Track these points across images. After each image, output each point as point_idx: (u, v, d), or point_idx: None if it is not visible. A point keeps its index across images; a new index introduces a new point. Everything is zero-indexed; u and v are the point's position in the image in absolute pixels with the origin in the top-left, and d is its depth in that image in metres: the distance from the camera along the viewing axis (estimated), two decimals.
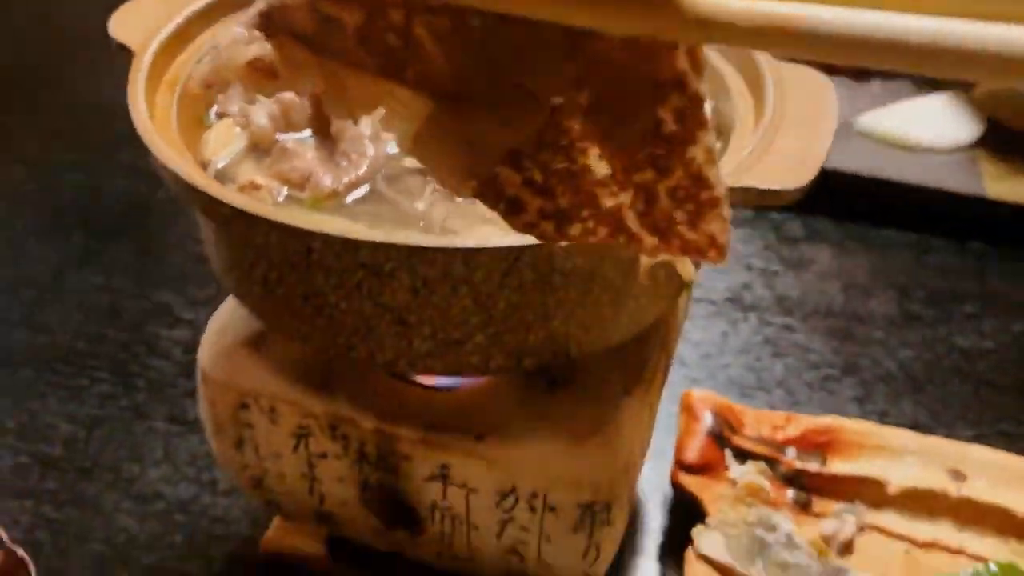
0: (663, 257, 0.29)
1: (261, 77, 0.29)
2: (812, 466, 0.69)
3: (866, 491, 0.68)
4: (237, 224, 0.40)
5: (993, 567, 0.64)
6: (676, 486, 0.68)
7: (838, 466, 0.69)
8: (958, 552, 0.66)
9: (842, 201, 0.99)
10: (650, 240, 0.28)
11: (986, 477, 0.68)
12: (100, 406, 0.78)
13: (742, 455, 0.69)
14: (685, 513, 0.67)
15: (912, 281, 0.93)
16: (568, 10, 0.23)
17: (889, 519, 0.67)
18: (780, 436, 0.70)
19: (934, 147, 1.03)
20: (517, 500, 0.50)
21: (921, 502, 0.67)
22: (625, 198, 0.28)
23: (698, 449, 0.68)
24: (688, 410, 0.70)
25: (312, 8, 0.27)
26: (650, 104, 0.25)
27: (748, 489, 0.66)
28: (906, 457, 0.69)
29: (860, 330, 0.88)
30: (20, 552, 0.61)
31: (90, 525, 0.69)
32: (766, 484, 0.67)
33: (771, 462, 0.69)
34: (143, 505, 0.71)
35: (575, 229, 0.29)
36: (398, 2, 0.27)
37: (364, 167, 0.51)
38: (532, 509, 0.50)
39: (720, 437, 0.69)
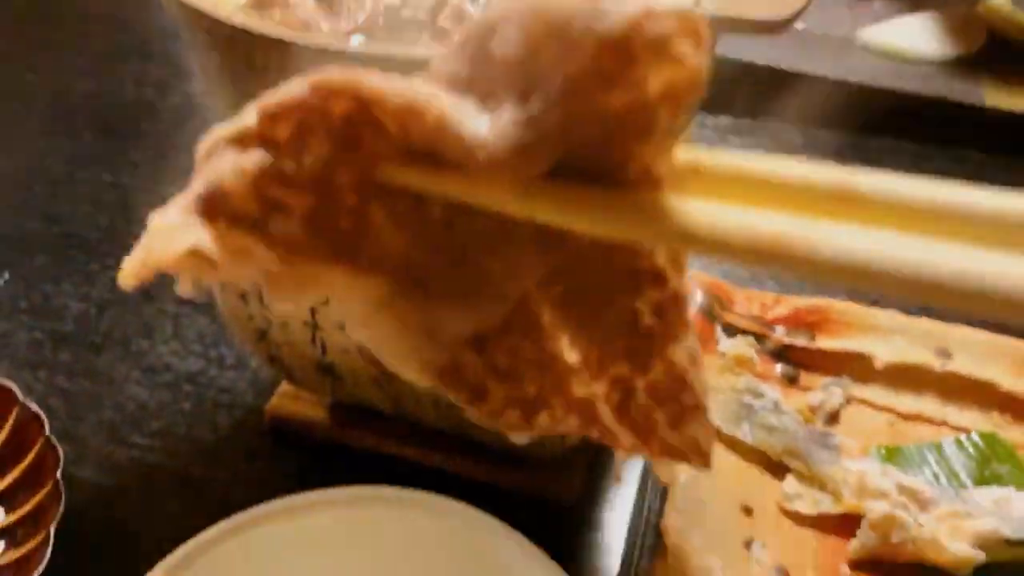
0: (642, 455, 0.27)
1: (199, 267, 0.25)
2: (800, 342, 0.70)
3: (853, 366, 0.70)
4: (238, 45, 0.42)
5: (975, 437, 0.66)
6: None
7: (826, 342, 0.71)
8: (941, 424, 0.68)
9: (841, 112, 1.00)
10: (627, 438, 0.26)
11: (971, 354, 0.70)
12: (111, 289, 0.80)
13: (731, 331, 0.71)
14: None
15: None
16: (544, 211, 0.22)
17: (875, 392, 0.69)
18: (770, 315, 0.72)
19: (934, 59, 1.04)
20: None
21: (906, 376, 0.69)
22: (599, 389, 0.26)
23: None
24: None
25: (256, 192, 0.25)
26: (626, 295, 0.24)
27: (737, 360, 0.68)
28: (894, 335, 0.71)
29: None
30: (34, 407, 0.63)
31: (101, 394, 0.72)
32: (754, 356, 0.69)
33: (760, 338, 0.71)
34: (152, 376, 0.73)
35: (544, 418, 0.27)
36: (352, 186, 0.25)
37: (362, 17, 0.52)
38: None
39: (710, 313, 0.71)
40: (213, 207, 0.25)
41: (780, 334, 0.71)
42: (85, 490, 0.65)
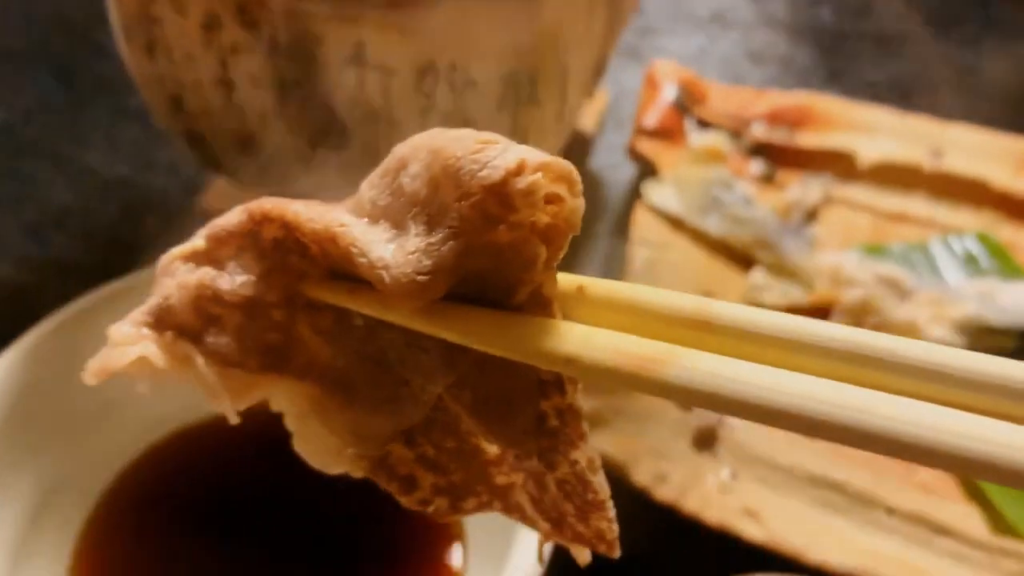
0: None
1: (149, 373, 0.28)
2: (779, 138, 0.65)
3: (835, 164, 0.64)
4: None
5: (965, 236, 0.60)
6: (634, 154, 0.64)
7: (807, 138, 0.65)
8: (928, 224, 0.62)
9: None
10: (544, 525, 0.28)
11: (964, 152, 0.64)
12: (40, 99, 0.75)
13: (704, 125, 0.65)
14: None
15: (911, 3, 0.87)
16: (444, 330, 0.24)
17: (857, 192, 0.64)
18: (748, 112, 0.66)
19: None
20: (437, 79, 0.46)
21: (893, 176, 0.64)
22: (517, 479, 0.28)
23: (658, 115, 0.64)
24: (651, 80, 0.66)
25: (196, 307, 0.28)
26: (532, 399, 0.26)
27: (707, 153, 0.63)
28: (881, 133, 0.65)
29: (850, 45, 0.83)
30: None
31: (24, 196, 0.67)
32: (728, 151, 0.63)
33: (735, 136, 0.65)
34: (80, 180, 0.68)
35: (470, 504, 0.29)
36: (279, 303, 0.28)
37: None
38: (452, 87, 0.46)
39: (681, 106, 0.65)
40: (161, 319, 0.29)
41: (758, 131, 0.65)
42: (4, 288, 0.60)
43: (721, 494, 0.45)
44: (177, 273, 0.28)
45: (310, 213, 0.26)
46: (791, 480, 0.46)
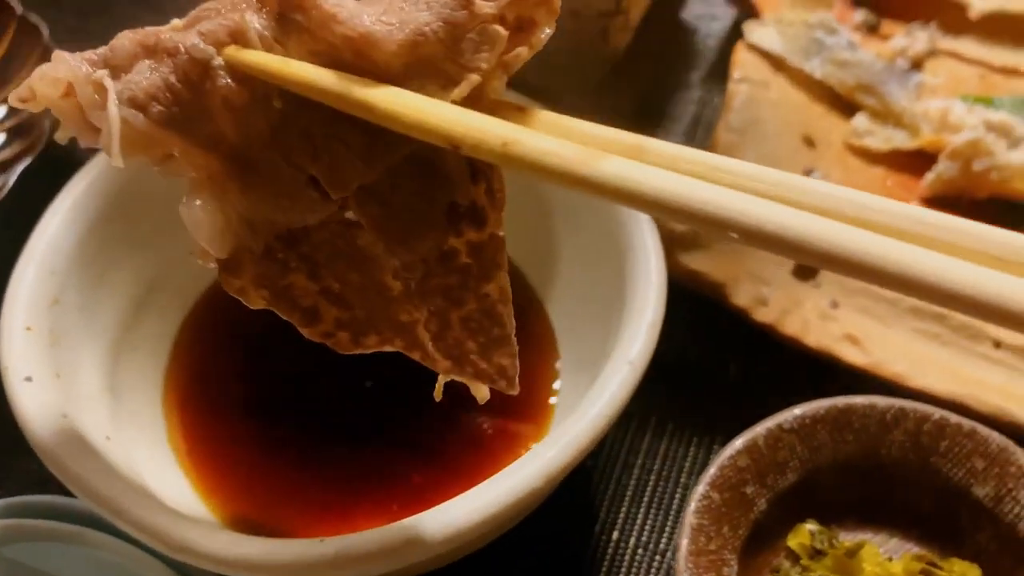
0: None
1: (70, 108, 0.28)
2: None
3: (944, 14, 0.61)
4: None
5: None
6: None
7: None
8: None
9: None
10: (444, 363, 0.28)
11: None
12: None
13: None
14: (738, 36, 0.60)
15: None
16: (378, 101, 0.24)
17: (966, 45, 0.60)
18: None
19: None
20: None
21: (1005, 28, 0.60)
22: (420, 316, 0.28)
23: None
24: None
25: (133, 53, 0.28)
26: (442, 230, 0.26)
27: None
28: None
29: None
30: (33, 18, 0.58)
31: (112, 32, 0.66)
32: None
33: None
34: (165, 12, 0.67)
35: (371, 340, 0.29)
36: (200, 61, 0.27)
37: None
38: None
39: None
40: (105, 59, 0.28)
41: None
42: None
43: (821, 320, 0.44)
44: (147, 30, 0.28)
45: None
46: (894, 311, 0.45)
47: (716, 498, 0.38)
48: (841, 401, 0.40)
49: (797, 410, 0.40)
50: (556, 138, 0.23)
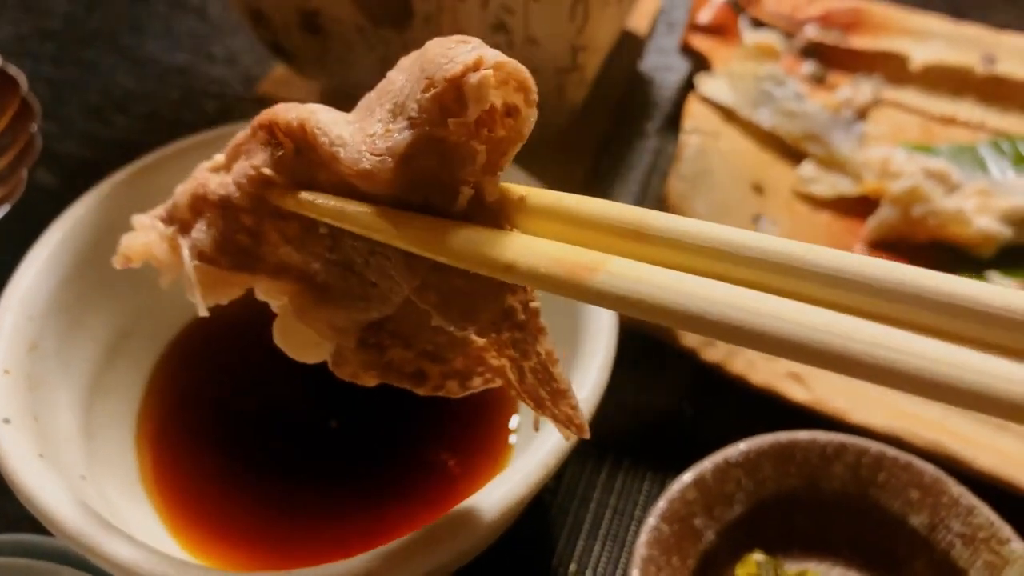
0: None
1: (156, 260, 0.33)
2: (831, 40, 0.65)
3: (887, 65, 0.64)
4: None
5: (1020, 140, 0.60)
6: (687, 49, 0.64)
7: (859, 41, 0.65)
8: (978, 127, 0.62)
9: None
10: (530, 402, 0.30)
11: (1019, 58, 0.64)
12: None
13: (758, 24, 0.65)
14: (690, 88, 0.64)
15: None
16: (394, 236, 0.26)
17: (908, 95, 0.64)
18: (802, 13, 0.66)
19: None
20: None
21: (944, 79, 0.64)
22: (504, 363, 0.31)
23: (712, 12, 0.64)
24: None
25: (192, 205, 0.31)
26: (497, 294, 0.27)
27: (760, 48, 0.63)
28: (934, 38, 0.65)
29: None
30: (11, 69, 0.60)
31: (87, 81, 0.68)
32: (780, 49, 0.64)
33: (788, 36, 0.65)
34: (140, 68, 0.69)
35: (476, 381, 0.32)
36: (248, 208, 0.30)
37: None
38: None
39: (735, 5, 0.65)
40: (171, 215, 0.32)
41: (811, 32, 0.65)
42: (69, 163, 0.62)
43: (766, 359, 0.47)
44: (195, 178, 0.32)
45: (290, 109, 0.29)
46: None
47: (666, 529, 0.40)
48: (784, 436, 0.42)
49: (743, 445, 0.42)
50: (557, 245, 0.24)
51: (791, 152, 0.59)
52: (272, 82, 0.65)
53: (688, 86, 0.66)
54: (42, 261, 0.42)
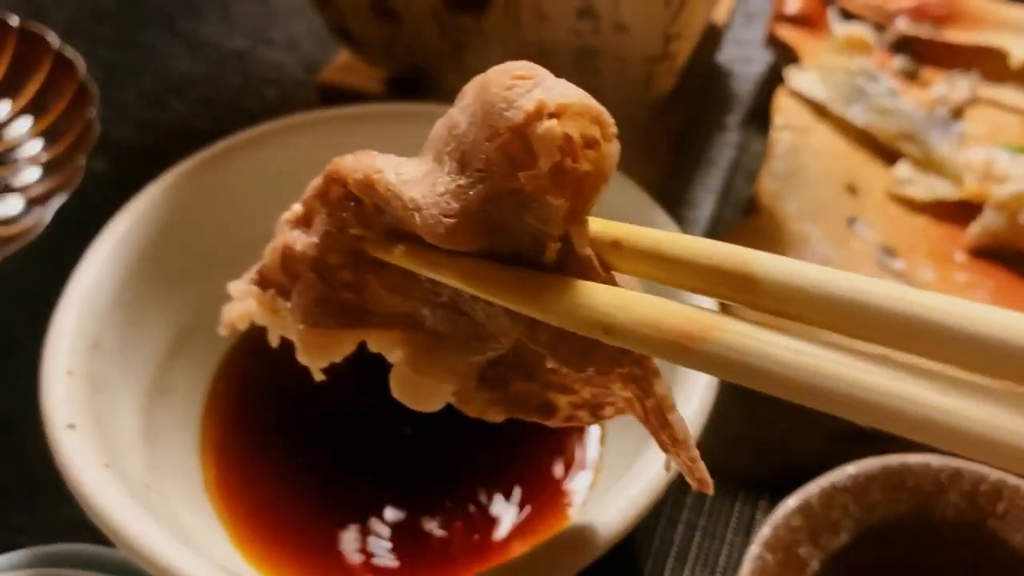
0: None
1: (258, 318, 0.32)
2: (925, 33, 0.61)
3: (984, 61, 0.60)
4: None
5: None
6: (772, 40, 0.61)
7: (954, 35, 0.61)
8: None
9: None
10: (656, 439, 0.27)
11: None
12: None
13: (847, 16, 0.62)
14: (780, 81, 0.60)
15: None
16: (485, 291, 0.24)
17: (1007, 93, 0.60)
18: (892, 6, 0.63)
19: None
20: None
21: None
22: (631, 393, 0.27)
23: (799, 1, 0.61)
24: None
25: (284, 267, 0.30)
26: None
27: (850, 41, 0.59)
28: None
29: None
30: (69, 52, 0.58)
31: (143, 65, 0.66)
32: (871, 40, 0.60)
33: (879, 29, 0.62)
34: (197, 51, 0.67)
35: (608, 411, 0.30)
36: (345, 264, 0.29)
37: None
38: None
39: None
40: (265, 277, 0.31)
41: (902, 26, 0.62)
42: (123, 150, 0.60)
43: None
44: (278, 234, 0.31)
45: (356, 166, 0.27)
46: (946, 367, 0.44)
47: (770, 559, 0.37)
48: (895, 460, 0.39)
49: (851, 468, 0.39)
50: (658, 305, 0.22)
51: (885, 151, 0.56)
52: (335, 69, 0.63)
53: (770, 79, 0.63)
54: (105, 255, 0.40)
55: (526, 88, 0.22)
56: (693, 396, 0.35)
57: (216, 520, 0.39)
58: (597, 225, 0.24)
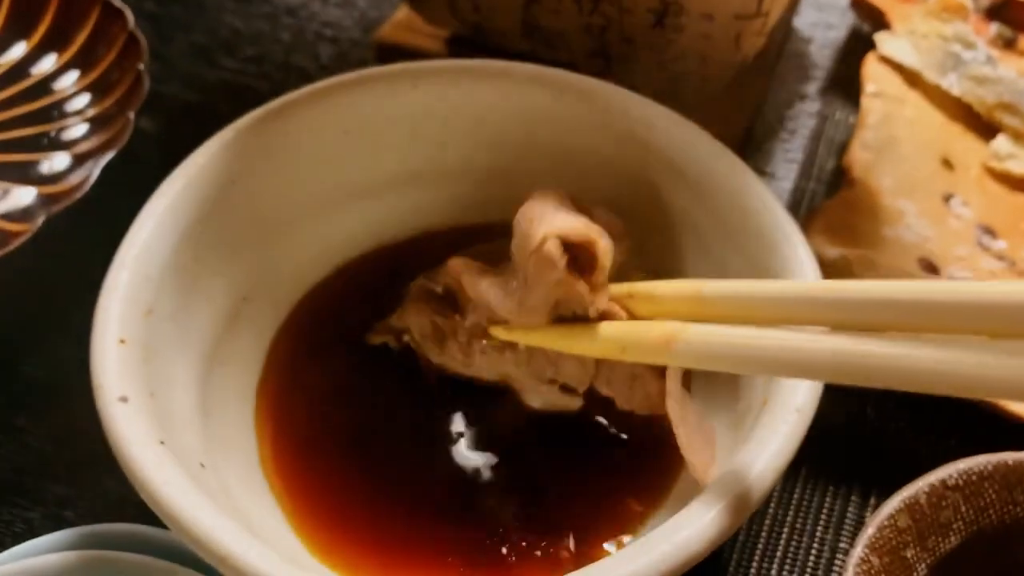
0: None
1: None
2: None
3: None
4: None
5: None
6: (858, 4, 0.57)
7: None
8: None
9: None
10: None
11: None
12: None
13: None
14: (862, 47, 0.56)
15: None
16: (552, 342, 0.36)
17: None
18: None
19: None
20: None
21: None
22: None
23: None
24: None
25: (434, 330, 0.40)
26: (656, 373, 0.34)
27: (946, 5, 0.55)
28: None
29: None
30: (117, 2, 0.55)
31: (192, 19, 0.63)
32: (968, 5, 0.56)
33: None
34: (248, 6, 0.64)
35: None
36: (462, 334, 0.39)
37: None
38: None
39: None
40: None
41: None
42: (172, 106, 0.58)
43: None
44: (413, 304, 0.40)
45: (456, 271, 0.37)
46: None
47: (875, 562, 0.34)
48: (1010, 457, 0.36)
49: (961, 464, 0.35)
50: (646, 326, 0.33)
51: (983, 123, 0.52)
52: (393, 26, 0.59)
53: (852, 46, 0.59)
54: (159, 216, 0.37)
55: (536, 226, 0.33)
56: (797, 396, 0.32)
57: (273, 500, 0.37)
58: (618, 288, 0.34)
